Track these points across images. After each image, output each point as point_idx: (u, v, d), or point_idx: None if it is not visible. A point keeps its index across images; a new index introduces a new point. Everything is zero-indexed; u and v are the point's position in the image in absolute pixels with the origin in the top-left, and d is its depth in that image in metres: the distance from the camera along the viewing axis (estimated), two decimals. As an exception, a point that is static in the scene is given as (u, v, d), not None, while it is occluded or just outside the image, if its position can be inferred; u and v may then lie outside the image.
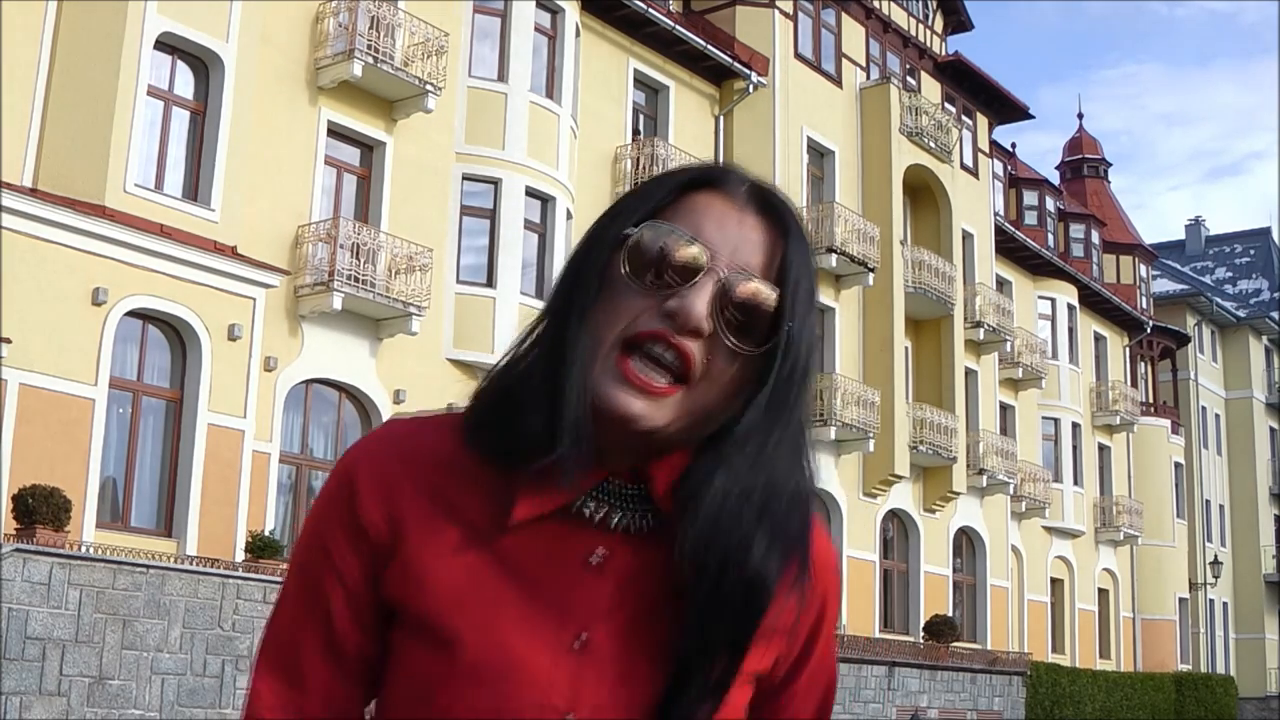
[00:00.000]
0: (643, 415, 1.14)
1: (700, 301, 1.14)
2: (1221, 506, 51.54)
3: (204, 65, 18.51)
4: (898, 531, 31.77)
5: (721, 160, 26.55)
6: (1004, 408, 36.34)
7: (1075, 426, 39.82)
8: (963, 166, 34.27)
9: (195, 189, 18.18)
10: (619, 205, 1.23)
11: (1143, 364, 45.37)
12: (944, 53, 35.06)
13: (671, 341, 1.14)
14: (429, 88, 20.98)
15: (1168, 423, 45.50)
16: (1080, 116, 51.16)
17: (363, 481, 1.25)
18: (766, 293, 1.16)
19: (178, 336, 17.79)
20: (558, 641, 1.16)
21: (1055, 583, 38.75)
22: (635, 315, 1.15)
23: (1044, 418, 38.68)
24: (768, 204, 1.21)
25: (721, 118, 28.40)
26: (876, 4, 32.49)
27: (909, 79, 33.33)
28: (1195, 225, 63.30)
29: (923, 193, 32.94)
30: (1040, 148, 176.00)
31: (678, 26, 26.63)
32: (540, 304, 1.33)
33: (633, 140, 26.10)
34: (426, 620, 1.19)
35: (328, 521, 1.27)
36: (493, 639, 1.16)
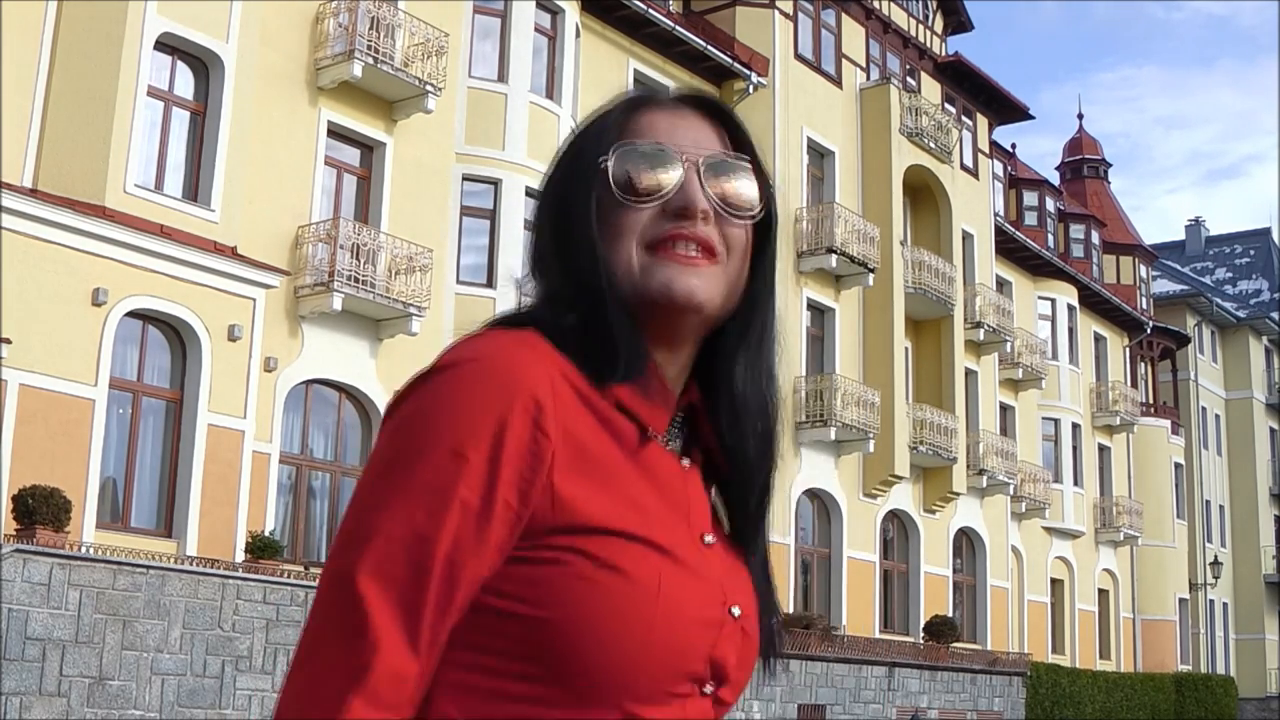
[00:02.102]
0: (699, 289, 1.25)
1: (694, 191, 1.27)
2: (1221, 507, 51.55)
3: (204, 65, 18.51)
4: (898, 532, 31.77)
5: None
6: (1004, 408, 36.35)
7: (1075, 427, 39.83)
8: (963, 167, 34.27)
9: (195, 189, 18.18)
10: (581, 141, 1.33)
11: (1143, 364, 45.38)
12: (944, 53, 35.07)
13: (693, 235, 1.26)
14: (429, 88, 20.98)
15: (1168, 423, 45.51)
16: (1080, 117, 51.20)
17: (543, 394, 1.17)
18: (737, 167, 1.32)
19: (178, 337, 17.79)
20: (699, 542, 1.26)
21: (1055, 583, 38.76)
22: (644, 224, 1.26)
23: (1044, 418, 38.69)
24: (700, 102, 1.36)
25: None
26: (876, 4, 32.50)
27: (909, 79, 33.33)
28: (1195, 226, 63.31)
29: (923, 193, 32.95)
30: (1039, 150, 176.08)
31: (678, 27, 26.64)
32: None
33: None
34: (621, 532, 1.18)
35: (492, 439, 1.15)
36: (673, 544, 1.21)
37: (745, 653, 1.26)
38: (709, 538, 1.27)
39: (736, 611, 1.25)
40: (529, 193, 22.49)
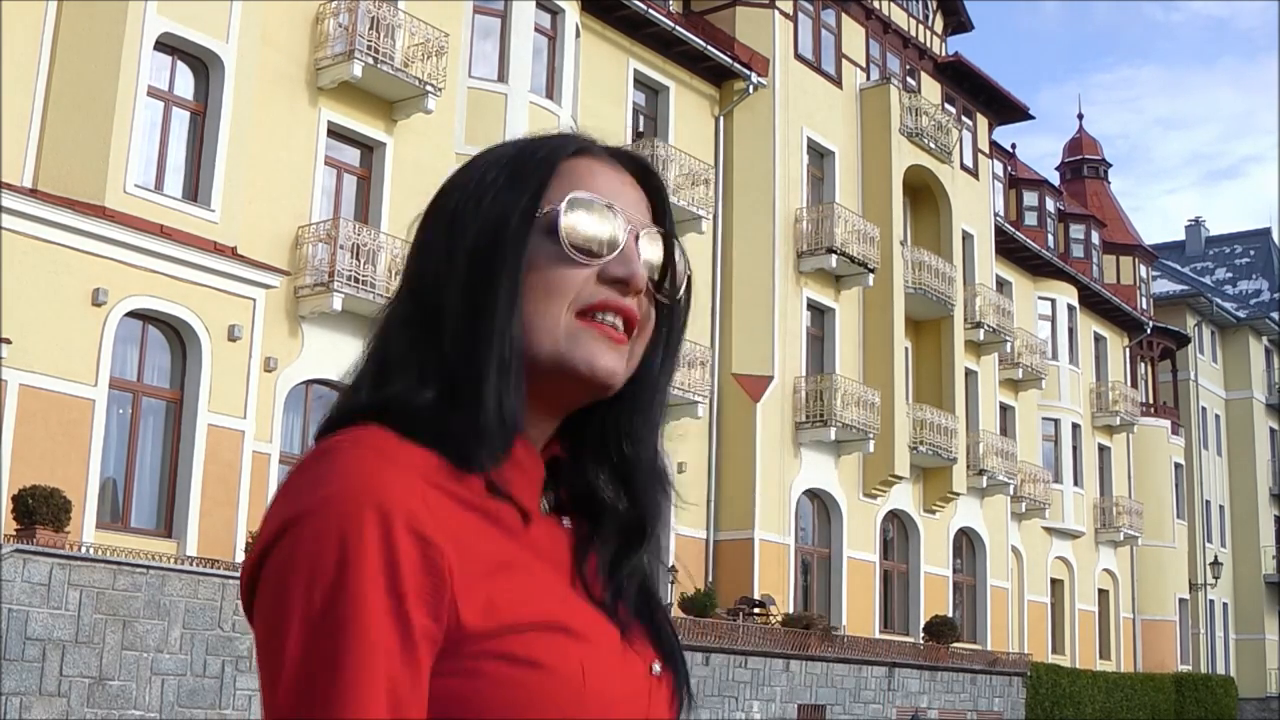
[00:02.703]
0: (618, 369, 1.19)
1: (637, 263, 1.19)
2: (1221, 507, 51.55)
3: (204, 66, 18.51)
4: (898, 532, 31.76)
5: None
6: (1004, 408, 36.35)
7: (1075, 427, 39.83)
8: (963, 167, 34.28)
9: (195, 189, 18.19)
10: (499, 177, 1.21)
11: (1143, 364, 45.39)
12: (944, 53, 35.07)
13: (624, 307, 1.19)
14: (429, 88, 20.98)
15: (1168, 423, 45.52)
16: (1080, 117, 51.21)
17: (416, 507, 1.06)
18: (666, 247, 1.24)
19: (178, 337, 17.79)
20: (598, 607, 1.19)
21: (1055, 583, 38.76)
22: (578, 286, 1.17)
23: (1044, 418, 38.69)
24: (632, 160, 1.27)
25: (721, 118, 28.40)
26: (876, 4, 32.49)
27: (909, 79, 33.33)
28: (1195, 226, 63.31)
29: (923, 193, 32.95)
30: (1039, 150, 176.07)
31: (678, 27, 26.64)
32: None
33: (633, 141, 26.09)
34: (530, 625, 1.10)
35: (369, 576, 1.02)
36: (580, 621, 1.14)
37: (669, 699, 1.22)
38: (603, 597, 1.20)
39: (657, 668, 1.20)
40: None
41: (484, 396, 1.13)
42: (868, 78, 31.82)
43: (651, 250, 1.22)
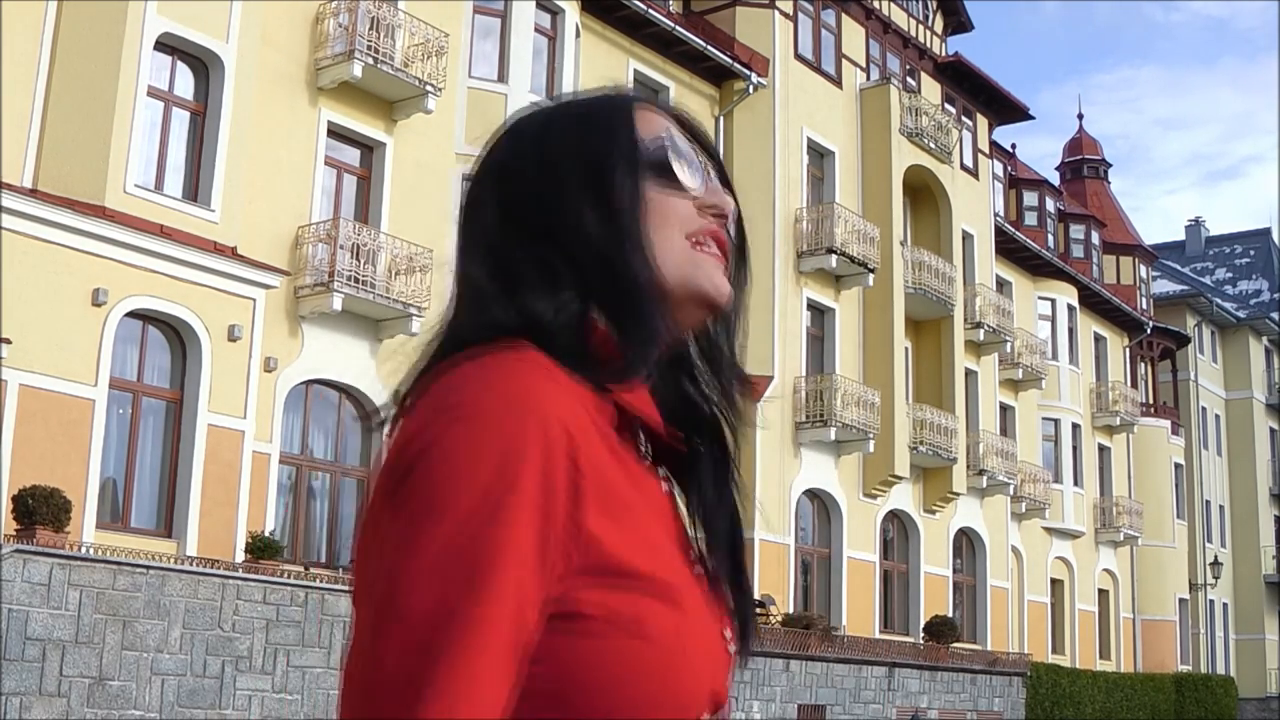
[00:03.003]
0: (728, 289, 1.28)
1: (724, 194, 1.29)
2: (1221, 507, 51.55)
3: (204, 66, 18.52)
4: (898, 532, 31.77)
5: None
6: (1004, 408, 36.35)
7: (1075, 427, 39.83)
8: (963, 167, 34.28)
9: (195, 189, 18.19)
10: (592, 126, 1.28)
11: (1143, 365, 45.39)
12: (944, 53, 35.07)
13: (719, 233, 1.28)
14: (429, 88, 20.98)
15: (1168, 423, 45.52)
16: (1080, 117, 51.21)
17: (574, 427, 1.07)
18: (725, 181, 1.33)
19: (178, 337, 17.79)
20: (692, 570, 1.20)
21: (1055, 583, 38.76)
22: (683, 216, 1.26)
23: (1044, 418, 38.69)
24: (673, 113, 1.36)
25: (722, 118, 28.40)
26: (876, 5, 32.50)
27: (909, 80, 33.33)
28: (1195, 226, 63.30)
29: (923, 193, 32.95)
30: (1039, 151, 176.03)
31: (678, 27, 26.64)
32: None
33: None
34: (640, 579, 1.10)
35: (526, 487, 1.02)
36: (680, 584, 1.14)
37: (731, 677, 1.22)
38: (695, 564, 1.20)
39: (728, 635, 1.20)
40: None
41: (645, 318, 1.18)
42: (868, 78, 31.82)
43: (725, 187, 1.32)
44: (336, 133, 20.78)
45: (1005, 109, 37.03)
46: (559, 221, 1.22)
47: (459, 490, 1.02)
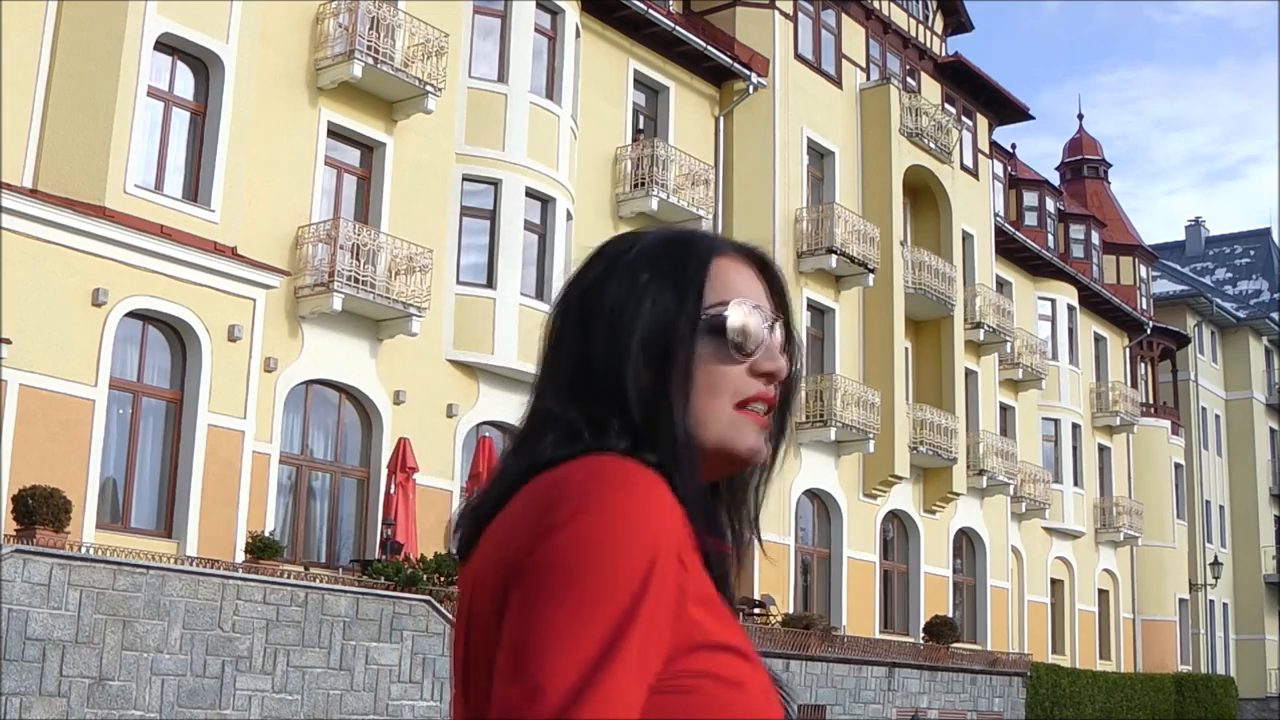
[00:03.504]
0: (764, 449, 1.40)
1: (783, 360, 1.39)
2: (1221, 507, 51.55)
3: (204, 66, 18.52)
4: (898, 532, 31.77)
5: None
6: (1004, 408, 36.35)
7: (1075, 427, 39.82)
8: (963, 167, 34.28)
9: (195, 190, 18.19)
10: (663, 280, 1.36)
11: (1143, 365, 45.39)
12: (944, 54, 35.07)
13: (768, 397, 1.38)
14: (429, 88, 20.98)
15: (1168, 423, 45.51)
16: (1080, 117, 51.23)
17: (682, 533, 1.26)
18: (784, 334, 1.41)
19: (178, 337, 17.79)
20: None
21: (1055, 583, 38.76)
22: (736, 381, 1.36)
23: (1044, 418, 38.68)
24: (757, 257, 1.44)
25: (721, 119, 28.40)
26: (876, 5, 32.50)
27: (909, 80, 33.33)
28: (1195, 226, 63.29)
29: (923, 193, 32.95)
30: (1038, 151, 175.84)
31: (678, 27, 26.63)
32: (541, 305, 1.42)
33: (633, 141, 26.11)
34: (732, 648, 1.28)
35: (660, 600, 1.21)
36: (750, 661, 1.31)
37: None
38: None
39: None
40: (529, 193, 22.49)
41: (688, 472, 1.31)
42: (868, 78, 31.82)
43: (782, 336, 1.41)
44: (336, 133, 20.78)
45: (1005, 109, 37.02)
46: (617, 381, 1.33)
47: (599, 582, 1.18)
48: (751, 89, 28.21)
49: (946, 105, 34.50)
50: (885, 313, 30.11)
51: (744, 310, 1.36)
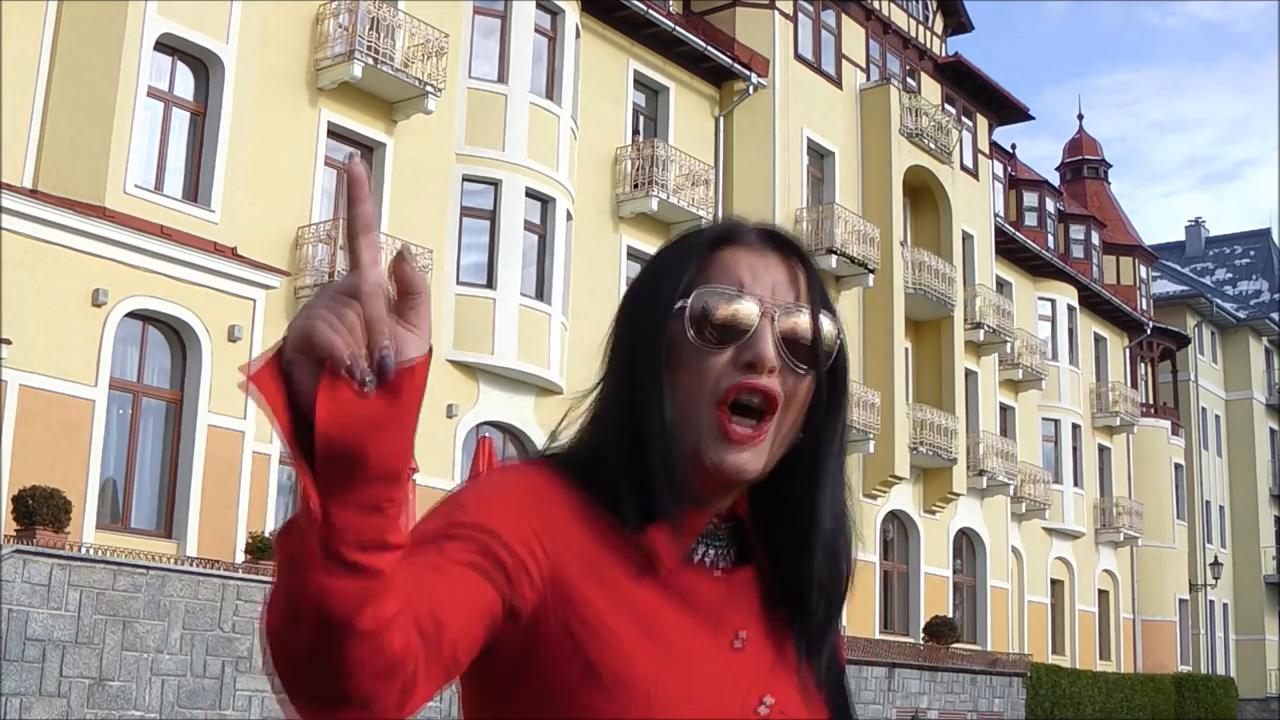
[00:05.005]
0: (750, 466, 1.29)
1: (768, 345, 1.29)
2: (1221, 508, 51.53)
3: (204, 66, 18.51)
4: (898, 533, 31.77)
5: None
6: (1004, 409, 36.34)
7: (1075, 428, 39.81)
8: (963, 168, 34.27)
9: (195, 190, 18.19)
10: (656, 275, 1.35)
11: (1143, 365, 45.37)
12: (944, 54, 35.07)
13: (758, 386, 1.28)
14: (429, 89, 20.98)
15: (1168, 424, 45.49)
16: (1080, 118, 51.24)
17: (542, 505, 1.26)
18: (808, 320, 1.32)
19: (178, 337, 17.79)
20: (726, 646, 1.30)
21: (1055, 584, 38.74)
22: (716, 374, 1.29)
23: (1044, 419, 38.67)
24: (777, 241, 1.37)
25: (721, 119, 28.40)
26: (876, 5, 32.50)
27: (909, 80, 33.33)
28: (1195, 226, 63.27)
29: (923, 194, 32.95)
30: (1035, 154, 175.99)
31: (678, 28, 26.63)
32: (541, 305, 1.41)
33: (633, 141, 26.11)
34: (619, 637, 1.24)
35: (502, 503, 1.24)
36: (681, 651, 1.26)
37: None
38: (740, 637, 1.31)
39: (769, 701, 1.29)
40: (529, 193, 22.49)
41: (651, 486, 1.28)
42: (868, 78, 31.82)
43: (795, 327, 1.31)
44: (336, 133, 20.77)
45: (1005, 109, 37.02)
46: (611, 380, 1.34)
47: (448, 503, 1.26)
48: (751, 89, 28.21)
49: (946, 105, 34.49)
50: (885, 313, 30.11)
51: (711, 295, 1.30)
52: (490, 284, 21.91)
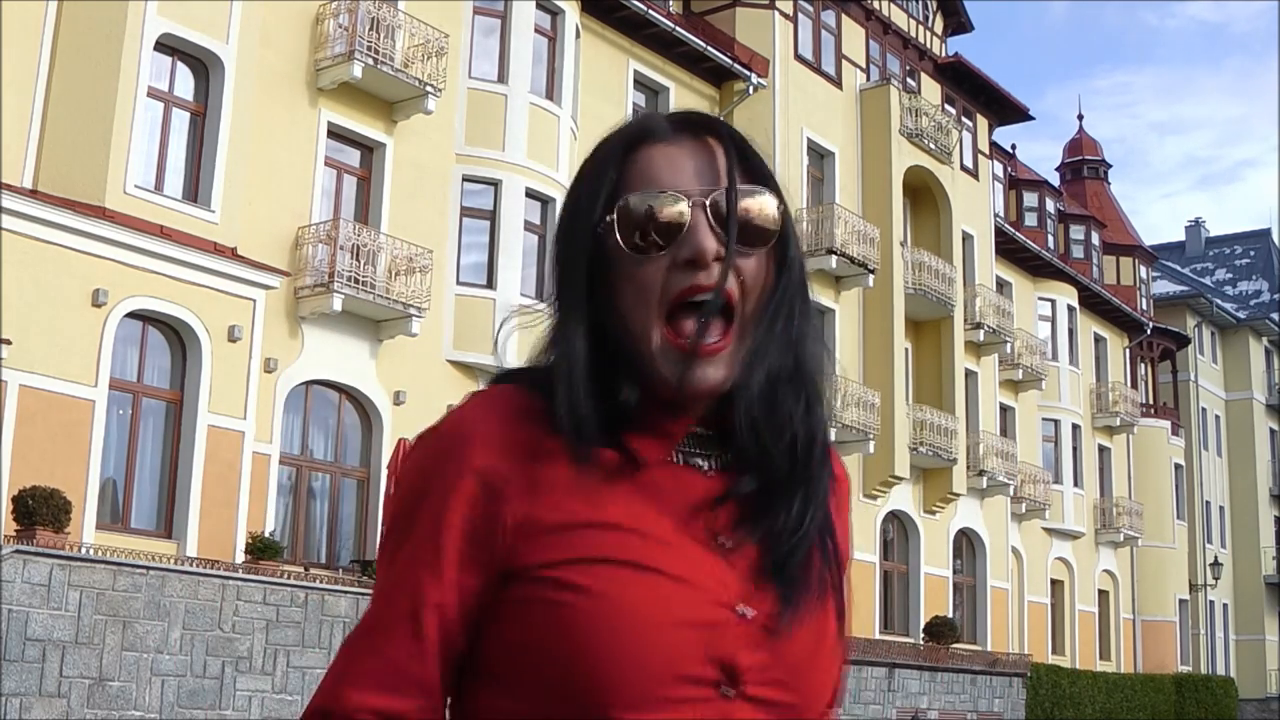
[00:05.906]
0: (711, 378, 1.23)
1: (704, 237, 1.22)
2: (1221, 508, 51.53)
3: (204, 66, 18.51)
4: (898, 533, 31.76)
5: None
6: (1004, 409, 36.34)
7: (1075, 428, 39.81)
8: (963, 168, 34.27)
9: (195, 190, 18.18)
10: (577, 191, 1.29)
11: (1143, 365, 45.37)
12: (944, 54, 35.07)
13: (706, 286, 1.22)
14: (429, 89, 20.98)
15: (1168, 424, 45.50)
16: (1080, 118, 51.22)
17: (481, 435, 1.25)
18: (753, 199, 1.25)
19: (178, 338, 17.79)
20: (708, 544, 1.24)
21: (1055, 584, 38.74)
22: (659, 281, 1.23)
23: (1044, 419, 38.67)
24: (690, 124, 1.31)
25: (721, 119, 28.37)
26: (876, 5, 32.50)
27: (909, 80, 33.33)
28: (1195, 227, 63.28)
29: (923, 194, 32.95)
30: (1035, 154, 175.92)
31: (678, 28, 26.63)
32: (541, 305, 1.38)
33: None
34: (586, 558, 1.20)
35: (438, 483, 1.24)
36: (658, 554, 1.21)
37: (783, 652, 1.22)
38: (725, 541, 1.24)
39: (748, 612, 1.21)
40: (529, 193, 22.49)
41: (558, 401, 1.25)
42: (868, 78, 31.82)
43: (731, 209, 1.24)
44: (336, 133, 20.77)
45: (1005, 110, 37.02)
46: (551, 297, 1.33)
47: (394, 503, 1.30)
48: (751, 89, 28.21)
49: (946, 106, 34.49)
50: (885, 313, 30.11)
51: (636, 205, 1.23)
52: (490, 284, 21.91)
